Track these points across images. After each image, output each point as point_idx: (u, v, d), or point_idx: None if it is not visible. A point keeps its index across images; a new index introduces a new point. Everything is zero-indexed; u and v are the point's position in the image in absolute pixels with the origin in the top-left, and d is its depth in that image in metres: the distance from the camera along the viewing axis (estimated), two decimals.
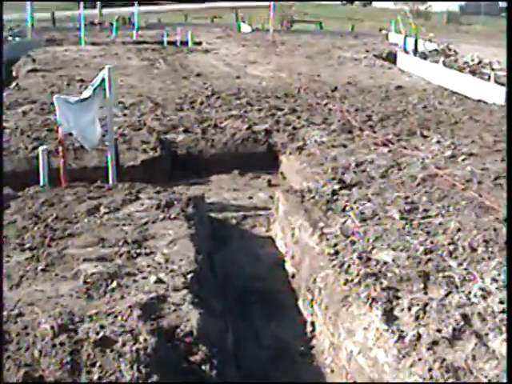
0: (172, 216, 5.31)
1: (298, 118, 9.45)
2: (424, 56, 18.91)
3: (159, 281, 4.21)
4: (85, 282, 4.12)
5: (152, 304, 3.87)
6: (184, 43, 20.75)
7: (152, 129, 8.41)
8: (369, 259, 4.67)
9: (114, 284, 4.12)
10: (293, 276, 5.40)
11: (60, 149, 6.48)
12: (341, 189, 6.27)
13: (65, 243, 4.77)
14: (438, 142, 8.31)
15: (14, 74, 14.36)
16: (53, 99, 6.48)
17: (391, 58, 19.10)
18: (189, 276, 4.29)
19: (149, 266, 4.45)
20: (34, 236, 4.86)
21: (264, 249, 6.04)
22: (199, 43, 21.33)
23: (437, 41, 21.29)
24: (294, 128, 8.75)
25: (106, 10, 28.51)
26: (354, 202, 5.85)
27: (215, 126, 8.67)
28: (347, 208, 5.69)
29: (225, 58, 17.42)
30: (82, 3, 19.93)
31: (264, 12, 27.39)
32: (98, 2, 27.02)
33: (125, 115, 9.40)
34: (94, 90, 6.45)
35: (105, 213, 5.39)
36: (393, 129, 8.96)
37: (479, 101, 11.74)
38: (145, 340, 3.45)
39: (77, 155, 7.34)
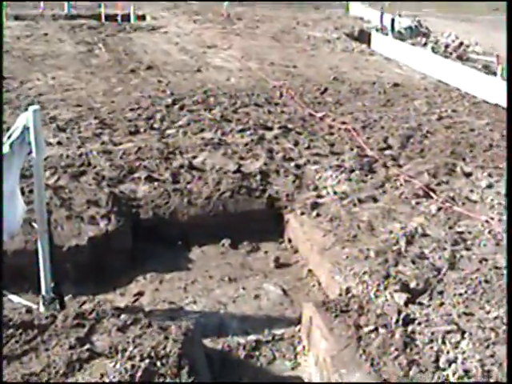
0: None
1: (296, 144, 7.11)
2: (401, 36, 16.79)
3: None
4: None
5: None
6: (126, 17, 17.80)
7: (101, 176, 5.86)
8: None
9: None
10: None
11: None
12: (406, 303, 4.10)
13: None
14: (490, 186, 6.23)
15: None
16: None
17: (364, 37, 16.88)
18: None
19: None
20: None
21: None
22: (143, 17, 18.43)
23: (407, 15, 19.23)
24: (298, 166, 6.42)
25: None
26: (443, 341, 3.68)
27: (190, 167, 6.20)
28: (440, 356, 3.53)
29: (177, 39, 14.72)
30: None
31: None
32: None
33: (59, 143, 6.81)
34: (11, 144, 4.02)
35: None
36: (423, 163, 6.78)
37: (496, 105, 9.73)
38: None
39: None
